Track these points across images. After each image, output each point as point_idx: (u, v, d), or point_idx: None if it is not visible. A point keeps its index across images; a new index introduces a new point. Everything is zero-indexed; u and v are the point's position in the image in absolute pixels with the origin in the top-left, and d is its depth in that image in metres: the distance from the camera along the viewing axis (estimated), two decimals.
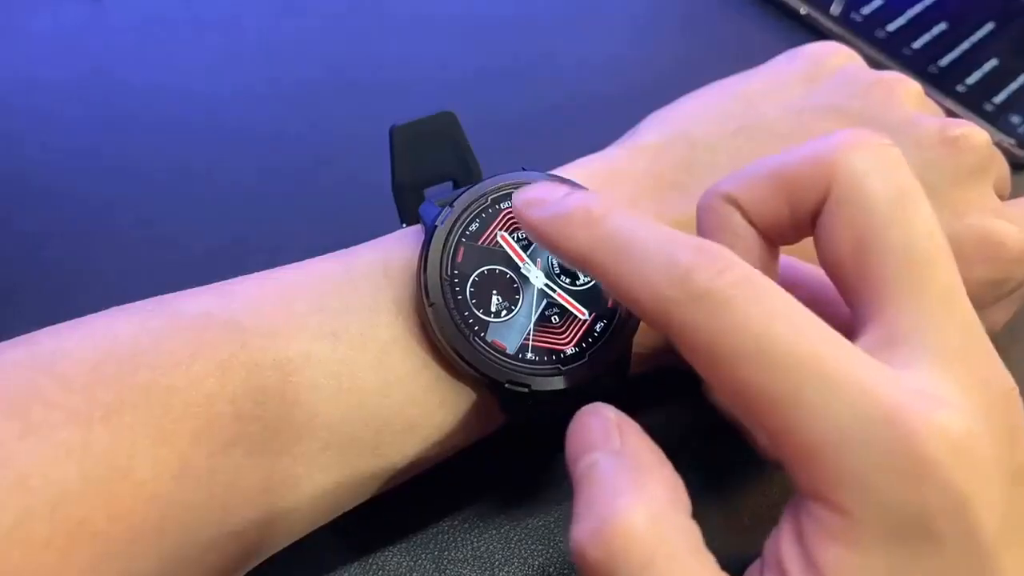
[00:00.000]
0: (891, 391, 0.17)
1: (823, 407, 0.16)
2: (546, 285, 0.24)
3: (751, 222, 0.21)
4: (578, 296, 0.24)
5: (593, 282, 0.24)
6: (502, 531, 0.27)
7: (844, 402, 0.16)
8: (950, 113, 0.38)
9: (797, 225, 0.21)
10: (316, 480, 0.22)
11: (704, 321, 0.17)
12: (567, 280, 0.24)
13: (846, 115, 0.28)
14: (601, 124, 0.30)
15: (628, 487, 0.17)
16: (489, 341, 0.23)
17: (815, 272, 0.23)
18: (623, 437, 0.18)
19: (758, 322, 0.17)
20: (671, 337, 0.18)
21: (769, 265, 0.22)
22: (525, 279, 0.24)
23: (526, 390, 0.22)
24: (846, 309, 0.20)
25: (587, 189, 0.21)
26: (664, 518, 0.17)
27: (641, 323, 0.24)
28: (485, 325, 0.23)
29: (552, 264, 0.24)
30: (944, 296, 0.19)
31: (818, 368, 0.17)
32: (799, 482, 0.17)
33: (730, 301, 0.17)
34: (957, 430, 0.16)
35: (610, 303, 0.24)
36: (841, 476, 0.16)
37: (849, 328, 0.20)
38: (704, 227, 0.22)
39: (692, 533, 0.17)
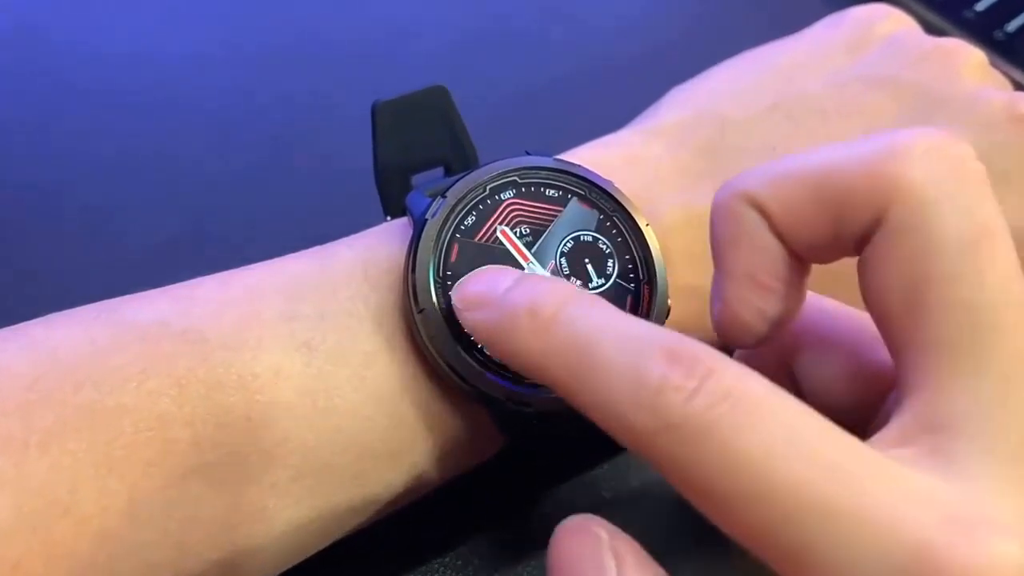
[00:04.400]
0: (921, 519, 0.15)
1: (838, 551, 0.15)
2: None
3: (778, 233, 0.20)
4: None
5: (607, 285, 0.24)
6: (500, 571, 0.27)
7: (864, 543, 0.15)
8: (1019, 86, 0.38)
9: (837, 244, 0.19)
10: (287, 514, 0.22)
11: (686, 454, 0.16)
12: (578, 283, 0.24)
13: (898, 89, 0.28)
14: (615, 100, 0.30)
15: None
16: (487, 352, 0.22)
17: (847, 313, 0.22)
18: (619, 567, 0.17)
19: (751, 453, 0.15)
20: (657, 469, 0.17)
21: (795, 291, 0.20)
22: None
23: (528, 409, 0.22)
24: (886, 355, 0.19)
25: (536, 280, 0.20)
26: None
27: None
28: None
29: (561, 264, 0.24)
30: (1010, 373, 0.17)
31: (830, 506, 0.15)
32: None
33: (713, 429, 0.16)
34: (1009, 566, 0.15)
35: (628, 308, 0.24)
36: None
37: (890, 380, 0.20)
38: (717, 233, 0.20)
39: None
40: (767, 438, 0.15)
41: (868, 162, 0.18)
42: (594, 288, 0.24)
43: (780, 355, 0.22)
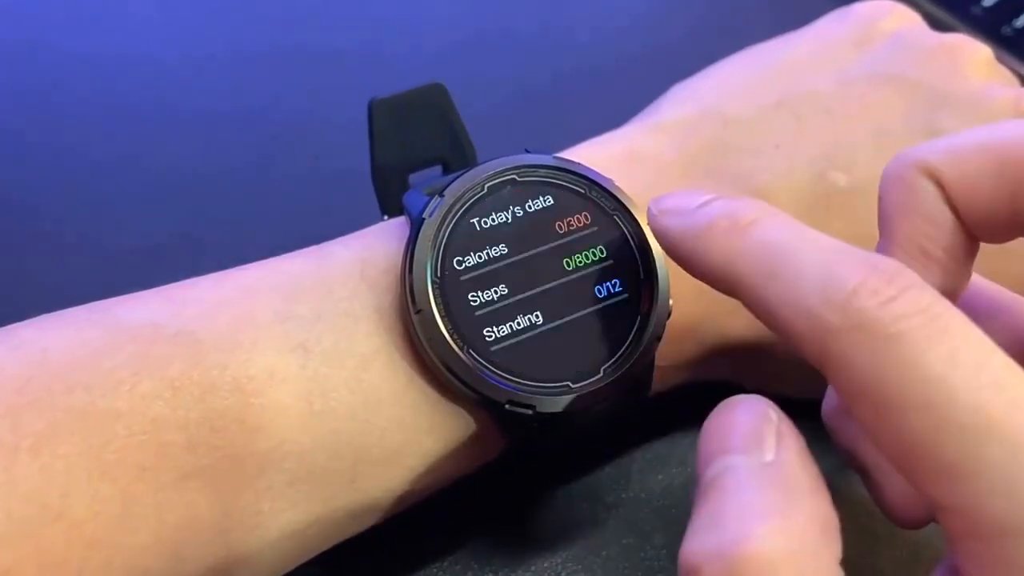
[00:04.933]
0: None
1: (1013, 485, 0.15)
2: None
3: (953, 207, 0.20)
4: None
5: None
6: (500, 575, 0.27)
7: None
8: None
9: (1015, 222, 0.19)
10: (283, 518, 0.22)
11: (868, 357, 0.16)
12: None
13: (904, 86, 0.28)
14: (617, 97, 0.30)
15: (771, 510, 0.16)
16: (499, 361, 0.22)
17: (1010, 297, 0.22)
18: (780, 446, 0.17)
19: (938, 366, 0.16)
20: (825, 372, 0.17)
21: (962, 268, 0.20)
22: None
23: (530, 412, 0.22)
24: None
25: (735, 196, 0.20)
26: (808, 557, 0.16)
27: (666, 331, 0.24)
28: None
29: None
30: None
31: (1012, 435, 0.15)
32: (966, 566, 0.16)
33: (904, 335, 0.16)
34: None
35: (627, 309, 0.24)
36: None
37: None
38: (888, 204, 0.20)
39: None
40: (957, 358, 0.16)
41: None
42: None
43: None
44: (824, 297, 0.17)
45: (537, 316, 0.23)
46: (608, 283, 0.24)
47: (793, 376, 0.24)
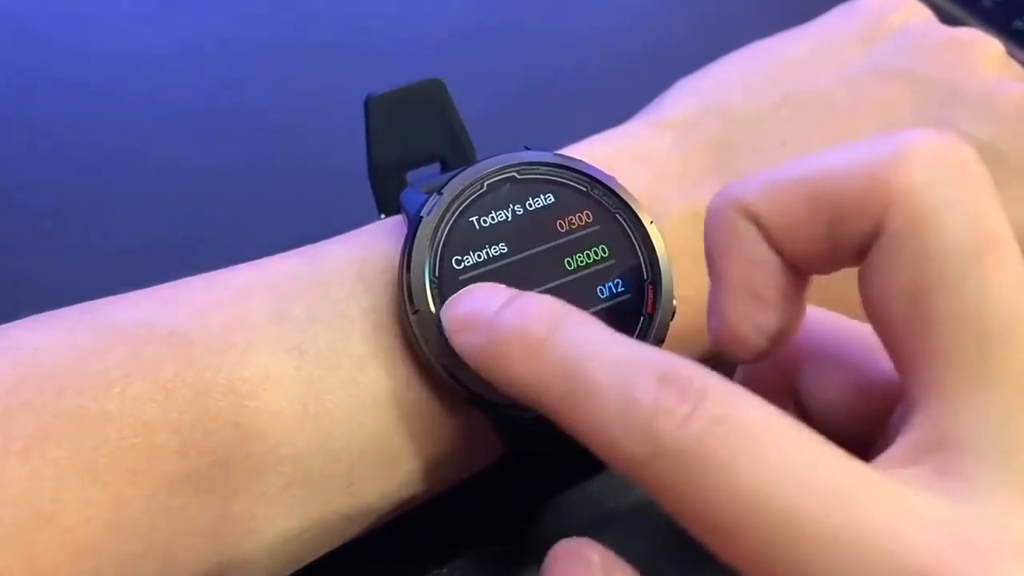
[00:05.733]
0: (929, 544, 0.15)
1: None
2: None
3: (774, 244, 0.20)
4: None
5: None
6: None
7: (868, 571, 0.15)
8: None
9: (836, 255, 0.19)
10: (278, 524, 0.22)
11: (681, 485, 0.16)
12: None
13: (913, 82, 0.28)
14: (619, 94, 0.30)
15: None
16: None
17: (848, 325, 0.22)
18: None
19: (747, 480, 0.15)
20: (651, 495, 0.17)
21: (794, 304, 0.20)
22: None
23: (528, 414, 0.22)
24: (890, 366, 0.19)
25: (527, 299, 0.20)
26: None
27: (671, 330, 0.24)
28: None
29: None
30: (1020, 386, 0.17)
31: (831, 532, 0.15)
32: None
33: (708, 455, 0.16)
34: None
35: (630, 308, 0.24)
36: None
37: (895, 392, 0.20)
38: (712, 245, 0.20)
39: None
40: (764, 464, 0.15)
41: (865, 168, 0.18)
42: None
43: (781, 369, 0.22)
44: (625, 427, 0.16)
45: None
46: (611, 283, 0.24)
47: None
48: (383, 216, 0.27)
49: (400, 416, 0.23)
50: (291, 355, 0.22)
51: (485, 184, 0.24)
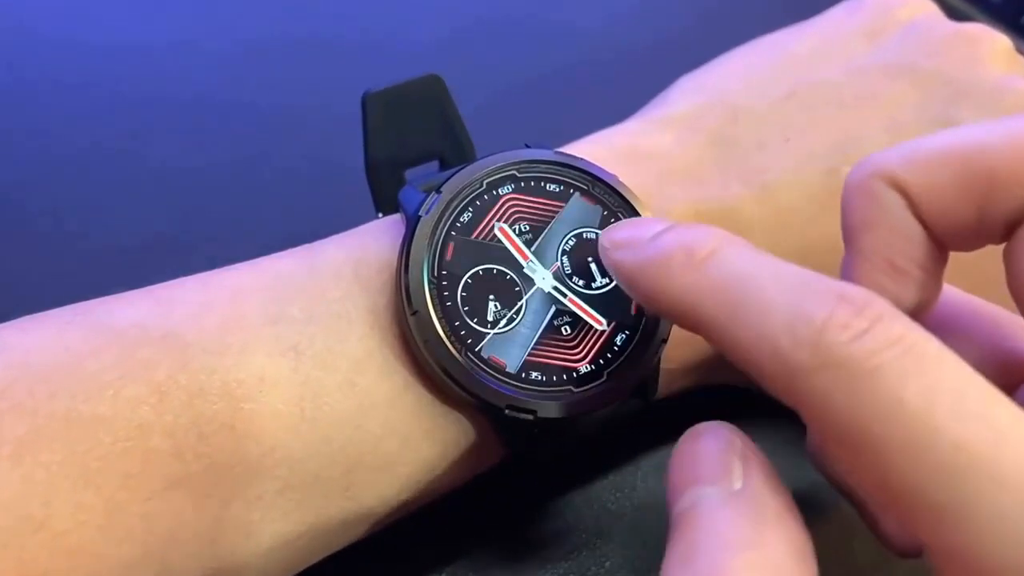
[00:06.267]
0: None
1: (1002, 524, 0.15)
2: (555, 288, 0.23)
3: (919, 216, 0.19)
4: (594, 302, 0.24)
5: (612, 285, 0.24)
6: None
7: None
8: None
9: (983, 229, 0.19)
10: (274, 528, 0.22)
11: (843, 396, 0.16)
12: (581, 282, 0.24)
13: (920, 77, 0.28)
14: (621, 89, 0.30)
15: (744, 542, 0.16)
16: (485, 357, 0.22)
17: (981, 304, 0.22)
18: (747, 473, 0.17)
19: (918, 402, 0.15)
20: (799, 411, 0.17)
21: (933, 279, 0.20)
22: (529, 281, 0.23)
23: (530, 417, 0.22)
24: (1021, 346, 0.19)
25: (689, 225, 0.20)
26: None
27: (672, 334, 0.24)
28: (480, 337, 0.23)
29: (563, 263, 0.24)
30: None
31: (994, 469, 0.15)
32: None
33: (879, 371, 0.16)
34: None
35: (633, 309, 0.24)
36: None
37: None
38: (852, 215, 0.20)
39: None
40: (936, 391, 0.15)
41: (1020, 141, 0.18)
42: (598, 289, 0.24)
43: None
44: (792, 335, 0.16)
45: None
46: (612, 284, 0.24)
47: None
48: (381, 215, 0.27)
49: (398, 419, 0.23)
50: (287, 357, 0.22)
51: (485, 183, 0.24)
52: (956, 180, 0.19)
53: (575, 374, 0.23)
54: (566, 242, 0.24)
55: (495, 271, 0.23)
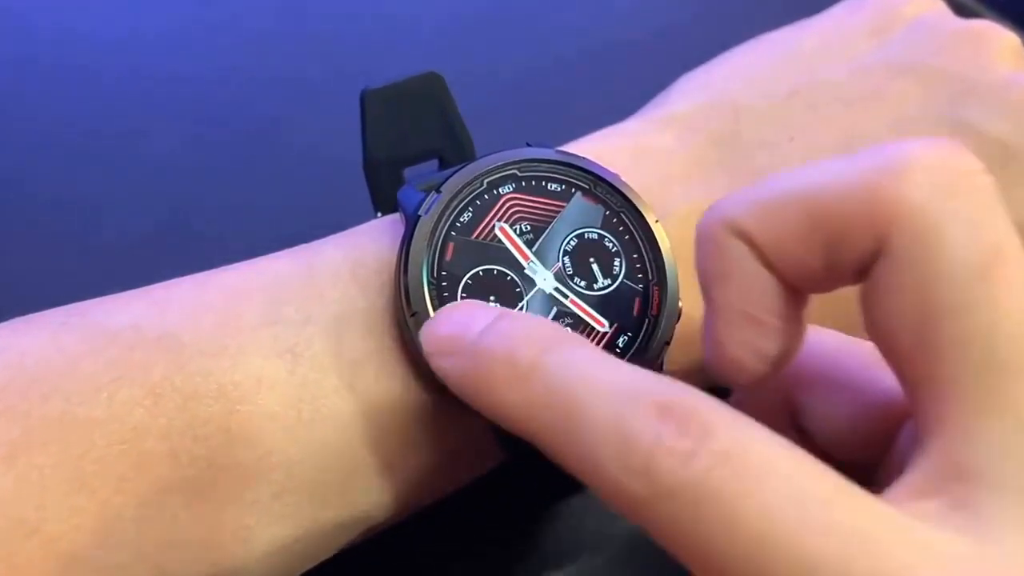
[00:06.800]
0: None
1: None
2: (556, 289, 0.23)
3: (768, 264, 0.19)
4: (596, 303, 0.24)
5: (614, 286, 0.24)
6: None
7: None
8: None
9: (834, 274, 0.19)
10: (270, 533, 0.22)
11: (683, 523, 0.16)
12: (582, 284, 0.24)
13: (926, 75, 0.28)
14: (622, 88, 0.30)
15: None
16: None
17: (849, 344, 0.21)
18: None
19: (755, 520, 0.15)
20: (651, 536, 0.17)
21: (793, 324, 0.20)
22: (530, 282, 0.23)
23: None
24: (895, 384, 0.19)
25: (514, 319, 0.19)
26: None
27: (676, 336, 0.24)
28: None
29: (564, 264, 0.24)
30: None
31: (845, 575, 0.15)
32: None
33: (714, 495, 0.15)
34: None
35: (635, 311, 0.24)
36: None
37: (901, 411, 0.19)
38: (703, 268, 0.20)
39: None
40: (774, 506, 0.15)
41: (862, 183, 0.18)
42: (600, 290, 0.24)
43: (780, 390, 0.22)
44: (622, 464, 0.16)
45: None
46: (614, 284, 0.24)
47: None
48: (379, 215, 0.27)
49: (397, 422, 0.23)
50: (284, 359, 0.22)
51: (485, 182, 0.24)
52: (799, 226, 0.18)
53: None
54: (567, 242, 0.24)
55: (495, 272, 0.23)
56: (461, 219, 0.24)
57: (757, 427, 0.16)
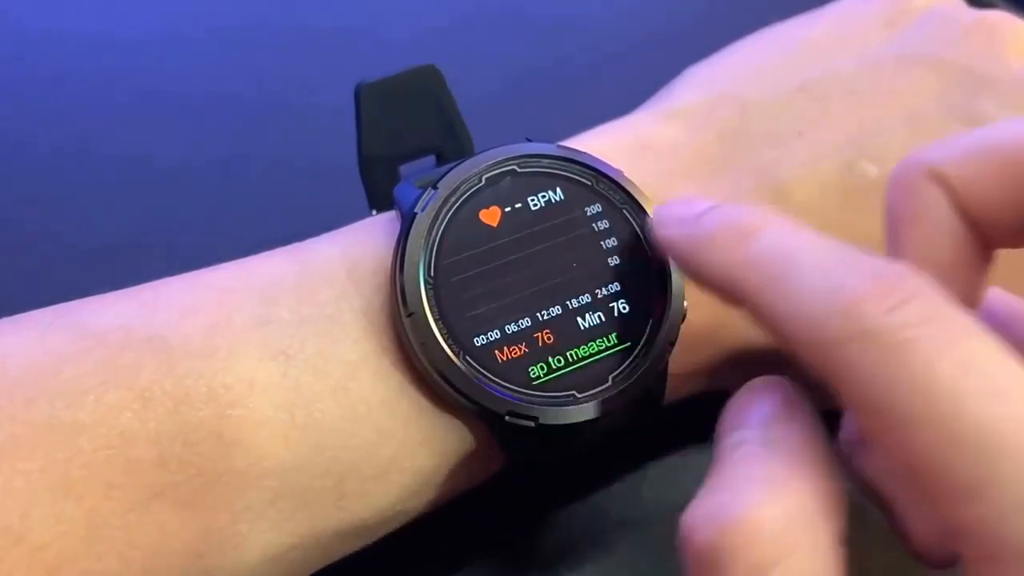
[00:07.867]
0: None
1: (1020, 493, 0.15)
2: None
3: (965, 214, 0.20)
4: None
5: (617, 287, 0.24)
6: None
7: None
8: None
9: None
10: (263, 540, 0.22)
11: (873, 368, 0.16)
12: None
13: (939, 67, 0.28)
14: (625, 81, 0.30)
15: (771, 480, 0.17)
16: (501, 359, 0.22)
17: None
18: (791, 422, 0.18)
19: (949, 376, 0.16)
20: (830, 384, 0.17)
21: (978, 277, 0.20)
22: None
23: (532, 424, 0.22)
24: None
25: (735, 204, 0.21)
26: (802, 529, 0.17)
27: (680, 337, 0.24)
28: None
29: None
30: None
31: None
32: None
33: (911, 344, 0.16)
34: None
35: (639, 311, 0.24)
36: None
37: None
38: (895, 212, 0.21)
39: (831, 555, 0.17)
40: (968, 367, 0.16)
41: None
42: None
43: None
44: (828, 305, 0.17)
45: None
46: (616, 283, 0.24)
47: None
48: (375, 212, 0.27)
49: (393, 426, 0.23)
50: (277, 361, 0.22)
51: (483, 178, 0.24)
52: (1000, 175, 0.19)
53: None
54: None
55: None
56: (459, 216, 0.24)
57: (962, 309, 0.17)
